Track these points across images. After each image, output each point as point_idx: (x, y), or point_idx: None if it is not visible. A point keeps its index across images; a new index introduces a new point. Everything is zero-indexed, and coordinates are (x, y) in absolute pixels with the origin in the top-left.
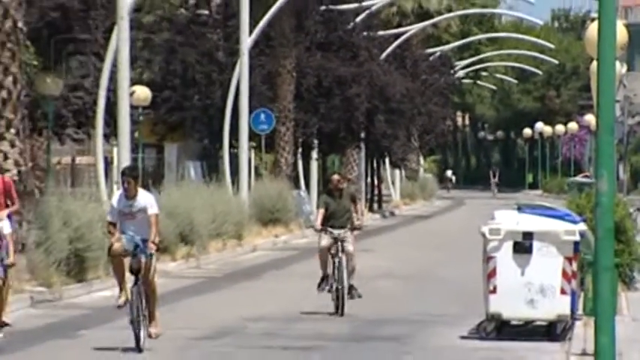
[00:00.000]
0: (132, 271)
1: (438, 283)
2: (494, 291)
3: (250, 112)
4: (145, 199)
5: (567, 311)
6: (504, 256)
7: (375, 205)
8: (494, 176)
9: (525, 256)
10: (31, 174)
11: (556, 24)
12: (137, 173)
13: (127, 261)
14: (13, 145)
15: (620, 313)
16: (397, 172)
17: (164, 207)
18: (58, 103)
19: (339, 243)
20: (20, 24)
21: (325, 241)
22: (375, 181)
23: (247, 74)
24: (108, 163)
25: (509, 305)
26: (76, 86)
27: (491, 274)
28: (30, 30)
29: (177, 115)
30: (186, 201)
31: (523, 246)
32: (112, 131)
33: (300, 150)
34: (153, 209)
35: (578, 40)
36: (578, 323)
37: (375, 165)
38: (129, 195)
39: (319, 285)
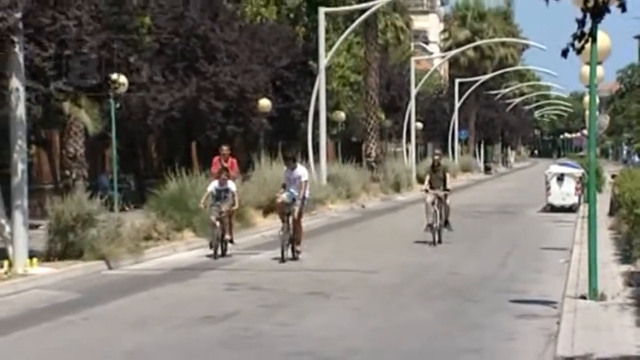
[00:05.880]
0: (287, 214)
1: (527, 192)
2: (549, 195)
3: (459, 130)
4: (300, 171)
5: (577, 202)
6: (553, 182)
7: (505, 163)
8: (557, 152)
9: (561, 182)
10: (381, 156)
11: (572, 96)
12: (295, 156)
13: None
14: (373, 144)
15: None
16: (513, 152)
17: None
18: (388, 128)
19: (438, 197)
20: (376, 99)
21: (429, 198)
22: (505, 156)
23: (457, 117)
24: (407, 151)
25: (555, 200)
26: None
27: (548, 189)
28: (379, 99)
29: (431, 133)
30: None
31: (561, 178)
32: (407, 140)
33: (476, 144)
34: (304, 177)
35: (581, 102)
36: (581, 207)
37: (505, 150)
38: (290, 168)
39: (425, 229)
